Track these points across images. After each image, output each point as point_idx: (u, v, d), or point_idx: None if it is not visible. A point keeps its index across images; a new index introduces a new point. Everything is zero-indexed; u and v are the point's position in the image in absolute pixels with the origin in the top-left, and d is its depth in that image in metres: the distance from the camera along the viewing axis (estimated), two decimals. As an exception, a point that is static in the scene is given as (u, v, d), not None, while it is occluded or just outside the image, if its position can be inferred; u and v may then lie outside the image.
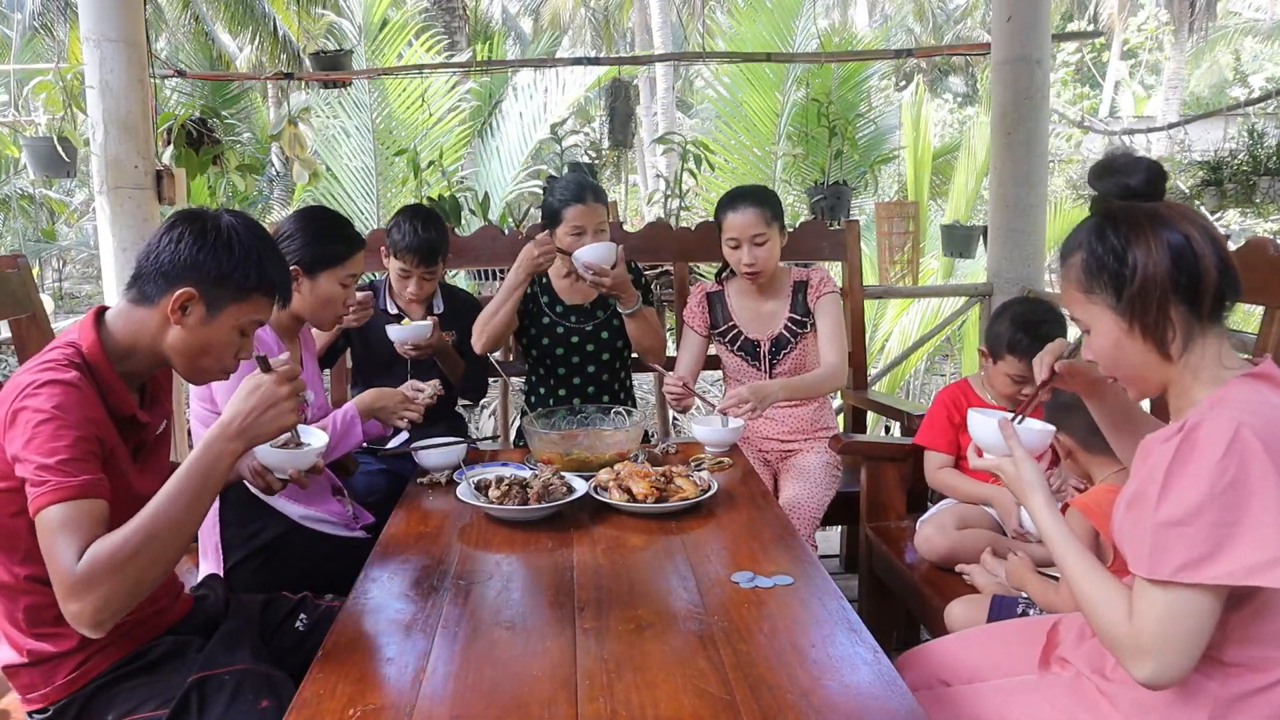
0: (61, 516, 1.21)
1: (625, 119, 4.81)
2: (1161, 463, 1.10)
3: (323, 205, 2.34)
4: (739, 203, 2.54)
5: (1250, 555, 1.05)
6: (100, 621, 1.21)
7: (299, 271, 2.03)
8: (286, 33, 9.76)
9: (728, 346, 2.69)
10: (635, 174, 14.34)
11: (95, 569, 1.19)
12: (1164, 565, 1.09)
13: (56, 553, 1.20)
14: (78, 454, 1.25)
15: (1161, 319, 1.17)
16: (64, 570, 1.19)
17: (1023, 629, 1.57)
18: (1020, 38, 3.52)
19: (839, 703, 1.14)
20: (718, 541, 1.69)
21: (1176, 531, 1.08)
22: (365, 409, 2.05)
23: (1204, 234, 1.16)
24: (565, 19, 17.21)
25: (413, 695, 1.17)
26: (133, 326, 1.42)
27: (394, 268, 2.60)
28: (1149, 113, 17.00)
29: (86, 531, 1.22)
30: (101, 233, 3.32)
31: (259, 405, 1.35)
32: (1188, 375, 1.19)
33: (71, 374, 1.31)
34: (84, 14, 3.20)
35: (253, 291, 1.44)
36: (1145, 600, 1.11)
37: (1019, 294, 3.61)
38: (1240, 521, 1.06)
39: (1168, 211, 1.18)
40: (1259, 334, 1.91)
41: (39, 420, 1.25)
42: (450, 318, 2.68)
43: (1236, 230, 8.96)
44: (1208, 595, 1.08)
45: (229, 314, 1.42)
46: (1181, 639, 1.09)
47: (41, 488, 1.22)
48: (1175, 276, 1.15)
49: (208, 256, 1.39)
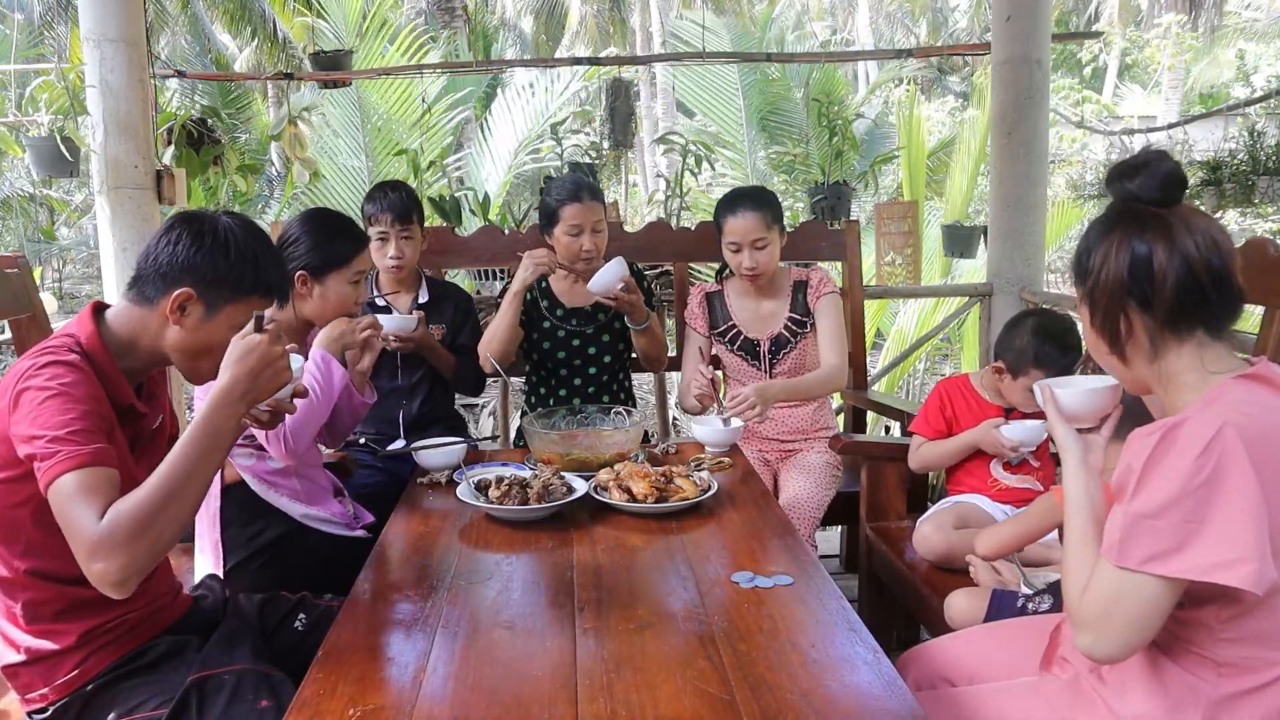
0: (76, 483, 1.21)
1: (625, 119, 4.81)
2: (1141, 455, 1.11)
3: (324, 207, 2.33)
4: (739, 205, 2.54)
5: (1214, 553, 1.06)
6: (125, 579, 1.21)
7: (306, 277, 2.03)
8: (286, 33, 9.76)
9: (727, 346, 2.69)
10: (635, 174, 14.33)
11: (118, 528, 1.20)
12: (1131, 555, 1.10)
13: (76, 516, 1.20)
14: (87, 425, 1.26)
15: (1112, 320, 1.21)
16: (86, 531, 1.20)
17: (1024, 629, 1.57)
18: (1020, 38, 3.52)
19: (839, 703, 1.14)
20: (718, 541, 1.69)
21: (1146, 524, 1.09)
22: (330, 344, 2.03)
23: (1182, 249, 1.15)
24: (574, 20, 17.23)
25: (413, 695, 1.17)
26: (133, 325, 1.42)
27: (373, 238, 2.54)
28: (1149, 112, 16.99)
29: (103, 495, 1.22)
30: (101, 233, 3.33)
31: (257, 366, 1.35)
32: (1166, 382, 1.21)
33: (73, 357, 1.32)
34: (84, 14, 3.20)
35: (250, 293, 1.45)
36: (1098, 576, 1.14)
37: (1019, 294, 3.62)
38: (1209, 519, 1.06)
39: (1156, 221, 1.18)
40: (1259, 334, 1.91)
41: (45, 397, 1.26)
42: (434, 307, 2.66)
43: (1236, 230, 8.96)
44: (1159, 584, 1.09)
45: (226, 315, 1.43)
46: (1120, 619, 1.11)
47: (53, 458, 1.22)
48: (1128, 284, 1.18)
49: (205, 258, 1.40)
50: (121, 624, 1.44)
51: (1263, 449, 1.07)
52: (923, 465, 2.35)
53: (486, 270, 3.77)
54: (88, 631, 1.40)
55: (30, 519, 1.33)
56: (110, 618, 1.43)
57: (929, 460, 2.33)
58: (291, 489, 2.03)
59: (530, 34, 18.05)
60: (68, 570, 1.33)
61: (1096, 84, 18.25)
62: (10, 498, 1.33)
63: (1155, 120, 15.20)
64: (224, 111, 8.71)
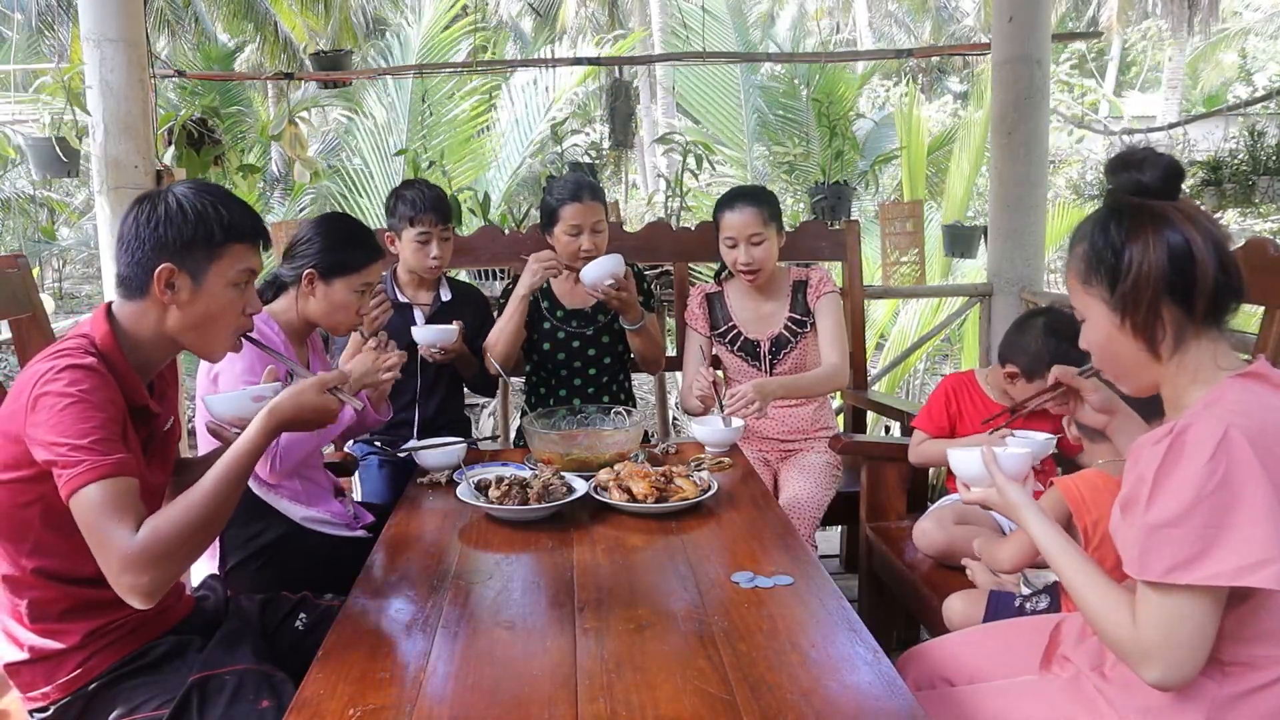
0: (102, 495, 1.23)
1: (625, 119, 4.80)
2: (1151, 465, 1.11)
3: (345, 213, 2.32)
4: (736, 202, 2.54)
5: (1238, 556, 1.06)
6: (154, 592, 1.25)
7: (314, 276, 2.04)
8: (287, 34, 9.76)
9: (728, 347, 2.69)
10: (636, 174, 14.33)
11: (154, 544, 1.23)
12: (1153, 567, 1.09)
13: (106, 529, 1.23)
14: (108, 434, 1.27)
15: (1152, 318, 1.17)
16: (119, 545, 1.22)
17: (1023, 628, 1.57)
18: (1020, 38, 3.53)
19: (839, 703, 1.14)
20: (718, 541, 1.69)
21: (1166, 533, 1.08)
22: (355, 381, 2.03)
23: (1208, 237, 1.15)
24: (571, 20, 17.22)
25: (413, 695, 1.17)
26: (134, 320, 1.43)
27: (410, 238, 2.53)
28: (1150, 112, 16.98)
29: (131, 508, 1.25)
30: (101, 233, 3.33)
31: (313, 420, 1.45)
32: (1182, 376, 1.19)
33: (90, 359, 1.33)
34: (84, 14, 3.20)
35: (224, 244, 1.43)
36: (1146, 605, 1.12)
37: (1019, 294, 3.62)
38: (1228, 523, 1.06)
39: (1175, 212, 1.17)
40: (1259, 334, 1.91)
41: (65, 404, 1.26)
42: (455, 307, 2.66)
43: (1236, 230, 8.95)
44: (1205, 597, 1.09)
45: (214, 274, 1.43)
46: (1184, 641, 1.10)
47: (76, 468, 1.23)
48: (1170, 277, 1.15)
49: (166, 229, 1.39)
50: (125, 624, 1.44)
51: (1267, 447, 1.07)
52: (922, 461, 2.35)
53: (487, 270, 3.77)
54: (92, 631, 1.41)
55: (38, 519, 1.34)
56: (115, 618, 1.43)
57: (928, 457, 2.32)
58: (292, 490, 2.03)
59: (530, 34, 18.04)
60: (74, 570, 1.34)
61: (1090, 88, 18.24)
62: (19, 497, 1.33)
63: (1155, 120, 15.20)
64: (227, 109, 8.68)
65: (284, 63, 9.69)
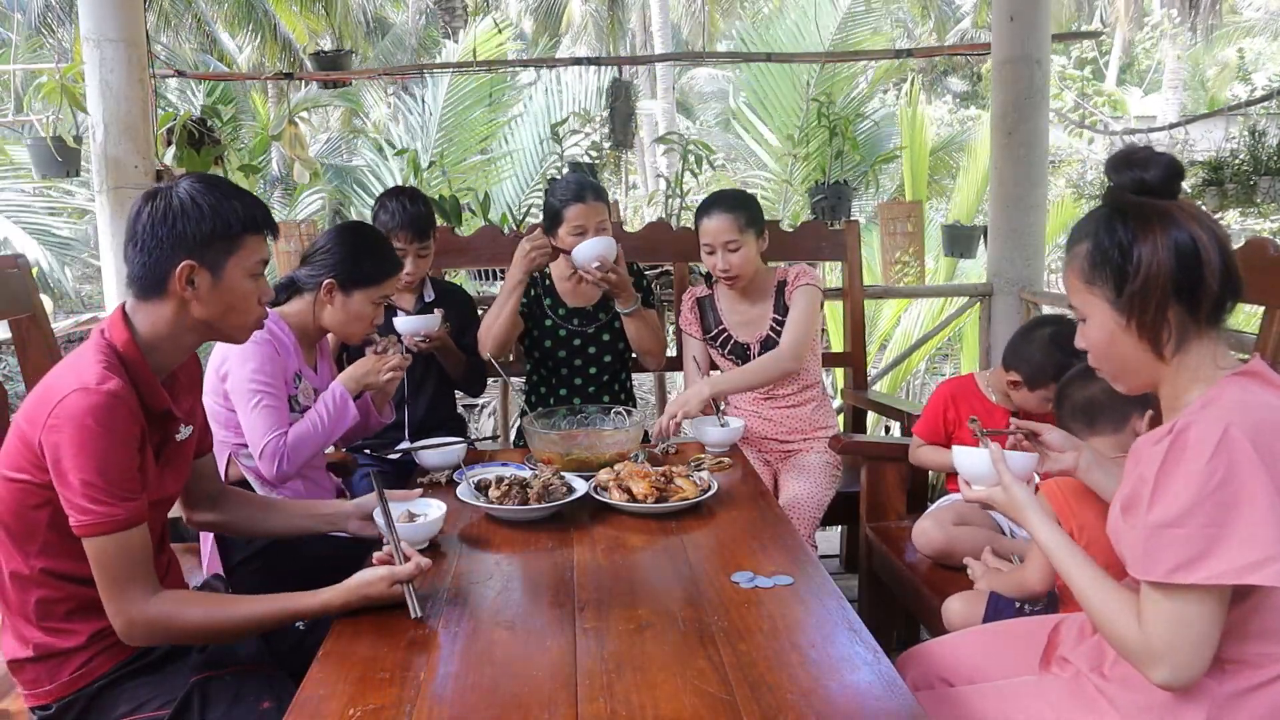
0: (115, 548, 1.31)
1: (625, 119, 4.79)
2: (1152, 465, 1.11)
3: (366, 223, 2.32)
4: (713, 209, 2.54)
5: (1241, 555, 1.06)
6: (142, 643, 1.38)
7: (333, 286, 2.04)
8: (288, 34, 9.76)
9: (719, 350, 2.68)
10: (636, 174, 14.33)
11: (164, 626, 1.34)
12: (1157, 567, 1.09)
13: (119, 583, 1.32)
14: (124, 473, 1.31)
15: (1159, 319, 1.16)
16: (127, 606, 1.32)
17: (1023, 628, 1.57)
18: (1021, 37, 3.52)
19: (839, 703, 1.14)
20: (717, 541, 1.69)
21: (1169, 534, 1.08)
22: (352, 382, 2.06)
23: (1211, 236, 1.15)
24: (576, 21, 17.22)
25: (413, 695, 1.17)
26: (151, 320, 1.42)
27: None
28: (1150, 112, 16.98)
29: (142, 564, 1.33)
30: (101, 233, 3.33)
31: (374, 604, 1.42)
32: (1183, 376, 1.19)
33: (114, 383, 1.32)
34: (84, 14, 3.20)
35: (240, 236, 1.44)
36: (1151, 606, 1.12)
37: (1018, 294, 3.62)
38: (1230, 521, 1.06)
39: (1178, 211, 1.17)
40: (1259, 334, 1.91)
41: (86, 438, 1.28)
42: (439, 307, 2.66)
43: (1237, 230, 8.95)
44: (1210, 596, 1.09)
45: (232, 266, 1.43)
46: (1191, 641, 1.10)
47: (89, 515, 1.28)
48: (1177, 278, 1.14)
49: (184, 225, 1.39)
50: None
51: (1266, 445, 1.07)
52: (920, 464, 2.37)
53: (486, 270, 3.78)
54: (98, 632, 1.40)
55: (47, 521, 1.34)
56: None
57: (927, 463, 2.33)
58: (294, 490, 2.04)
59: (530, 34, 18.04)
60: (82, 571, 1.34)
61: (1096, 85, 18.24)
62: (29, 499, 1.34)
63: (1155, 120, 15.19)
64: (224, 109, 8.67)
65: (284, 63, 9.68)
